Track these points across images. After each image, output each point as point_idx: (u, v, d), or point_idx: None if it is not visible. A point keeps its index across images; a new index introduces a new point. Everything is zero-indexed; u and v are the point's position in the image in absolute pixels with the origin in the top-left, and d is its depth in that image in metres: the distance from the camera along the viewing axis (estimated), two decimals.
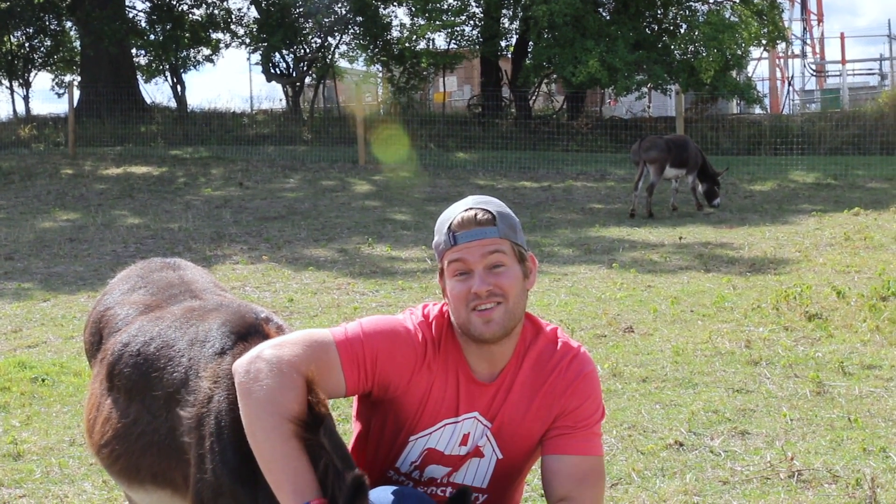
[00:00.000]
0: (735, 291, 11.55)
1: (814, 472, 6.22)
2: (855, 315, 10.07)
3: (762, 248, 14.40)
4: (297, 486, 3.18)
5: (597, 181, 22.74)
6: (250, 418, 3.28)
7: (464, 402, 3.62)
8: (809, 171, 23.26)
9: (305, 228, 16.96)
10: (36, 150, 28.28)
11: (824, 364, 8.54)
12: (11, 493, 6.37)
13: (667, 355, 8.96)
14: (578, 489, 3.55)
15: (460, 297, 3.50)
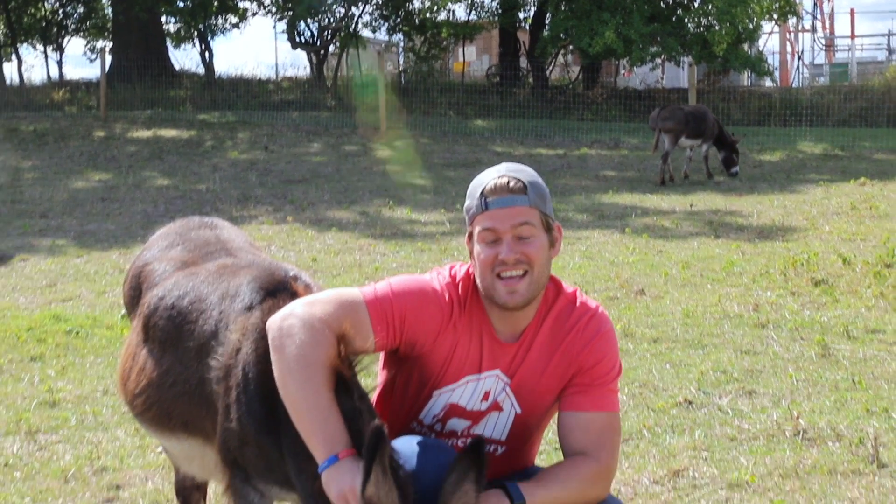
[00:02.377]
0: (744, 257, 11.52)
1: (818, 431, 6.22)
2: (860, 281, 10.05)
3: (770, 216, 14.34)
4: (328, 437, 3.20)
5: (610, 149, 22.66)
6: (283, 372, 3.29)
7: (486, 360, 3.63)
8: (817, 143, 23.14)
9: (328, 191, 16.95)
10: (69, 113, 28.30)
11: (829, 328, 8.53)
12: (48, 438, 6.43)
13: (677, 317, 8.96)
14: (595, 444, 3.56)
15: (487, 263, 3.50)
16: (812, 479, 5.58)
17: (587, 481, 3.51)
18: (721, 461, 5.85)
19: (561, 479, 3.50)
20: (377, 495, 2.96)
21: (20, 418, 6.71)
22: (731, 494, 5.42)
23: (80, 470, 5.88)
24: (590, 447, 3.56)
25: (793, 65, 41.57)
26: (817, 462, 5.79)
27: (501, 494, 3.34)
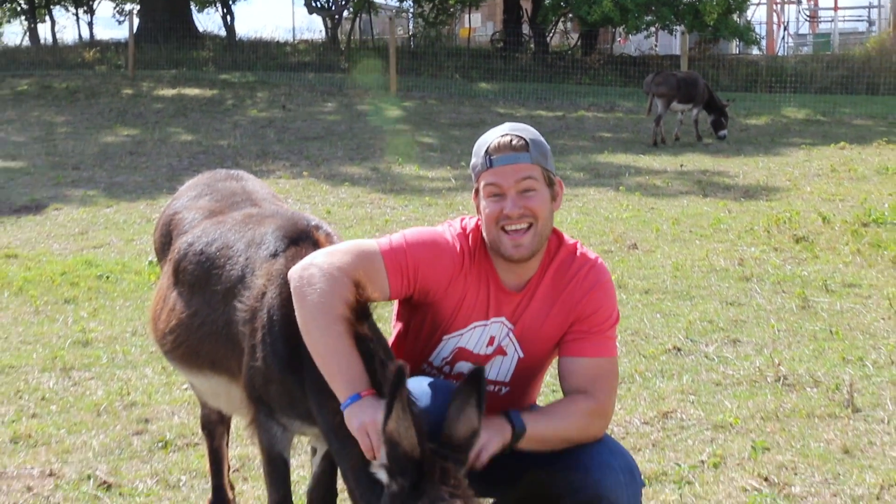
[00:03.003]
0: (730, 215, 11.50)
1: (798, 378, 6.25)
2: (838, 239, 10.05)
3: (755, 177, 14.31)
4: (350, 378, 3.21)
5: (606, 112, 22.56)
6: (305, 318, 3.30)
7: (493, 307, 3.64)
8: (800, 108, 23.03)
9: (342, 148, 16.91)
10: (99, 71, 28.19)
11: (809, 282, 8.54)
12: (82, 375, 6.47)
13: (667, 270, 8.97)
14: (593, 386, 3.57)
15: (492, 217, 3.50)
16: (791, 422, 5.62)
17: (586, 417, 3.53)
18: (707, 404, 5.89)
19: (561, 413, 3.52)
20: (397, 430, 2.98)
21: (55, 356, 6.75)
22: (715, 435, 5.46)
23: (112, 404, 5.93)
24: (589, 389, 3.57)
25: (778, 34, 41.28)
26: (796, 406, 5.82)
27: (504, 421, 3.37)
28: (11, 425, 5.62)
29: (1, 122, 19.52)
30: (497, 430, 3.32)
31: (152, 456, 5.26)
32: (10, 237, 10.69)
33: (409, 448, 2.99)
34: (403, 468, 3.01)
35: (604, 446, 3.59)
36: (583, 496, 3.50)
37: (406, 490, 3.00)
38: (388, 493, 3.06)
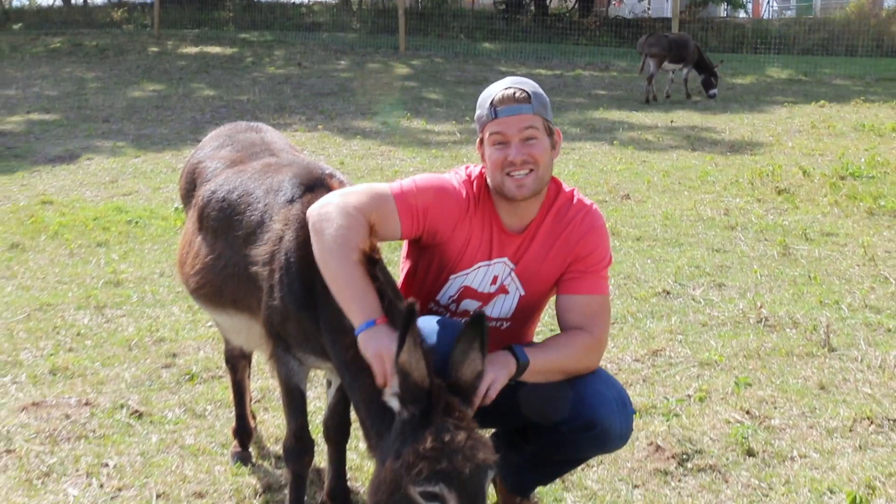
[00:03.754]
0: (716, 168, 11.45)
1: (778, 319, 6.26)
2: (817, 191, 10.01)
3: (741, 133, 14.23)
4: (365, 306, 3.21)
5: (602, 71, 22.39)
6: (323, 252, 3.29)
7: (496, 248, 3.64)
8: (784, 69, 22.84)
9: (354, 104, 16.81)
10: (126, 30, 28.00)
11: (790, 230, 8.52)
12: (114, 312, 6.48)
13: (657, 219, 8.95)
14: (589, 321, 3.59)
15: (497, 163, 3.51)
16: (771, 360, 5.63)
17: (582, 350, 3.55)
18: (693, 343, 5.90)
19: (560, 346, 3.54)
20: (409, 362, 2.99)
21: (89, 295, 6.77)
22: (701, 371, 5.48)
23: (142, 340, 5.95)
24: (585, 324, 3.59)
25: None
26: (776, 345, 5.83)
27: (509, 355, 3.39)
28: (50, 358, 5.64)
29: (36, 77, 19.41)
30: (503, 364, 3.34)
31: (180, 387, 5.29)
32: (46, 185, 10.68)
33: (419, 378, 3.01)
34: (414, 397, 3.02)
35: (598, 378, 3.61)
36: (579, 423, 3.53)
37: (416, 418, 3.02)
38: (400, 419, 3.07)
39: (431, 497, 2.92)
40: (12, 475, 4.29)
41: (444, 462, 2.91)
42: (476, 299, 3.70)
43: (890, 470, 4.34)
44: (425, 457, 2.92)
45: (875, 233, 8.48)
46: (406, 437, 3.02)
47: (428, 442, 2.94)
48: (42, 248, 8.10)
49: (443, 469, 2.91)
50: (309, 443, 3.68)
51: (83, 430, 4.74)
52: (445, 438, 2.94)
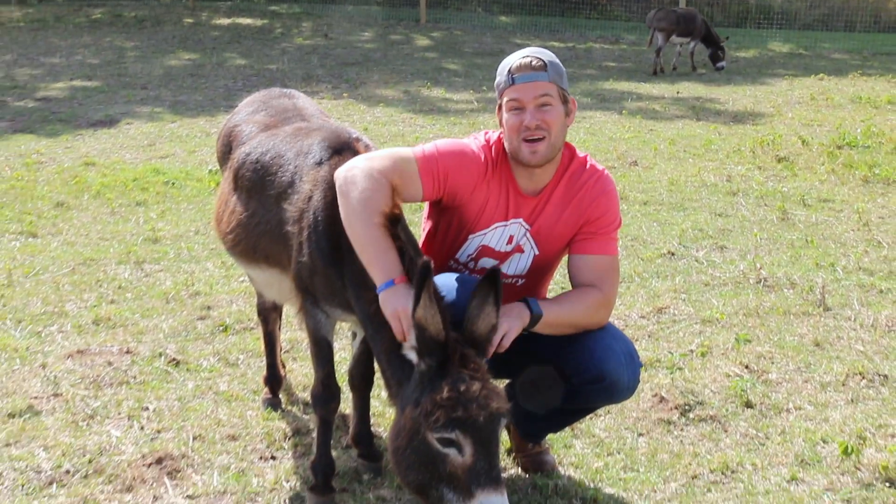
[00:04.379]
0: (720, 137, 11.36)
1: (776, 280, 6.23)
2: (815, 159, 9.92)
3: (743, 104, 14.09)
4: (386, 265, 3.21)
5: (612, 44, 22.15)
6: (348, 213, 3.29)
7: (512, 210, 3.64)
8: (785, 43, 22.57)
9: (377, 73, 16.71)
10: (163, 2, 27.88)
11: (789, 197, 8.46)
12: (152, 267, 6.51)
13: (663, 184, 8.91)
14: (599, 279, 3.59)
15: (513, 128, 3.49)
16: (770, 318, 5.62)
17: (593, 306, 3.55)
18: (696, 302, 5.89)
19: (572, 301, 3.55)
20: (424, 317, 3.01)
21: (129, 251, 6.80)
22: (703, 328, 5.47)
23: (178, 293, 5.98)
24: (596, 282, 3.59)
25: None
26: (774, 304, 5.81)
27: (523, 306, 3.40)
28: (93, 310, 5.68)
29: (78, 46, 19.36)
30: (517, 315, 3.35)
31: (214, 338, 5.32)
32: (88, 147, 10.68)
33: (435, 332, 3.03)
34: (431, 350, 3.05)
35: (607, 332, 3.61)
36: (588, 375, 3.54)
37: (433, 369, 3.04)
38: (417, 371, 3.10)
39: (448, 443, 2.95)
40: (60, 417, 4.34)
41: (459, 410, 2.94)
42: (493, 258, 3.70)
43: (880, 422, 4.34)
44: (442, 405, 2.95)
45: (869, 199, 8.41)
46: (424, 386, 3.05)
47: (445, 391, 2.97)
48: (85, 206, 8.12)
49: (459, 416, 2.94)
50: (335, 390, 3.70)
51: (125, 377, 4.78)
52: (461, 388, 2.97)
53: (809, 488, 3.81)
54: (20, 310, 5.68)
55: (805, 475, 3.90)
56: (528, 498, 3.71)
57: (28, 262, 6.60)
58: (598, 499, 3.67)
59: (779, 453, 4.08)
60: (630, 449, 4.12)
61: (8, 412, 4.35)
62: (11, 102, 13.61)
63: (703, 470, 3.94)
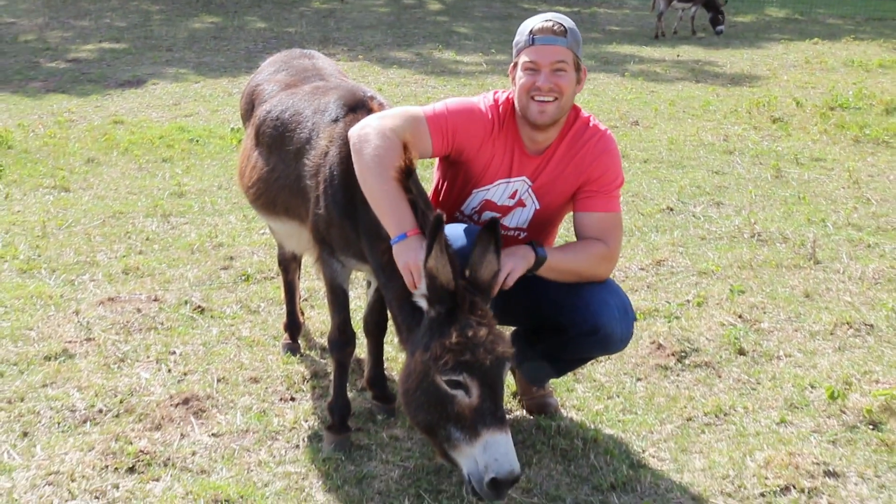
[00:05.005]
0: (718, 98, 11.26)
1: (769, 234, 6.20)
2: (809, 120, 9.83)
3: (740, 66, 13.94)
4: (399, 218, 3.20)
5: (615, 9, 21.91)
6: (362, 170, 3.27)
7: (516, 168, 3.60)
8: (781, 8, 22.29)
9: (391, 36, 16.57)
10: None
11: (783, 155, 8.40)
12: (178, 220, 6.51)
13: (663, 143, 8.84)
14: (604, 234, 3.56)
15: (525, 87, 3.45)
16: (762, 271, 5.60)
17: (597, 258, 3.53)
18: (693, 255, 5.86)
19: (577, 250, 3.53)
20: (436, 267, 3.01)
21: (156, 205, 6.80)
22: (700, 280, 5.45)
23: (203, 244, 5.98)
24: (600, 237, 3.56)
25: None
26: (767, 258, 5.79)
27: (529, 249, 3.39)
28: (122, 260, 5.69)
29: (106, 10, 19.22)
30: (522, 256, 3.35)
31: (237, 287, 5.33)
32: (117, 107, 10.66)
33: (445, 281, 3.02)
34: (440, 297, 3.05)
35: (604, 287, 3.59)
36: (584, 327, 3.53)
37: (442, 316, 3.04)
38: (427, 318, 3.11)
39: (456, 385, 2.97)
40: (92, 360, 4.36)
41: (467, 354, 2.96)
42: (496, 211, 3.67)
43: (865, 368, 4.33)
44: (451, 349, 2.96)
45: (860, 159, 8.34)
46: (433, 332, 3.05)
47: (453, 336, 2.98)
48: (114, 162, 8.11)
49: (466, 360, 2.95)
50: (351, 336, 3.71)
51: (153, 323, 4.80)
52: (469, 333, 2.98)
53: (797, 430, 3.81)
54: (54, 260, 5.70)
55: (793, 418, 3.91)
56: (532, 438, 3.73)
57: (61, 214, 6.61)
58: (598, 439, 3.68)
59: (769, 397, 4.08)
60: (629, 393, 4.13)
61: (44, 355, 4.38)
62: (44, 64, 13.56)
63: (697, 412, 3.94)
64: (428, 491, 3.34)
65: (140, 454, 3.52)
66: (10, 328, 4.68)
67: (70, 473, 3.41)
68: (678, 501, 3.30)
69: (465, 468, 2.94)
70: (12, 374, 4.20)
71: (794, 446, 3.65)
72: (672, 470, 3.51)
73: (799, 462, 3.50)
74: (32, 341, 4.55)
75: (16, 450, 3.59)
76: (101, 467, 3.45)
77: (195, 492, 3.29)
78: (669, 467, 3.53)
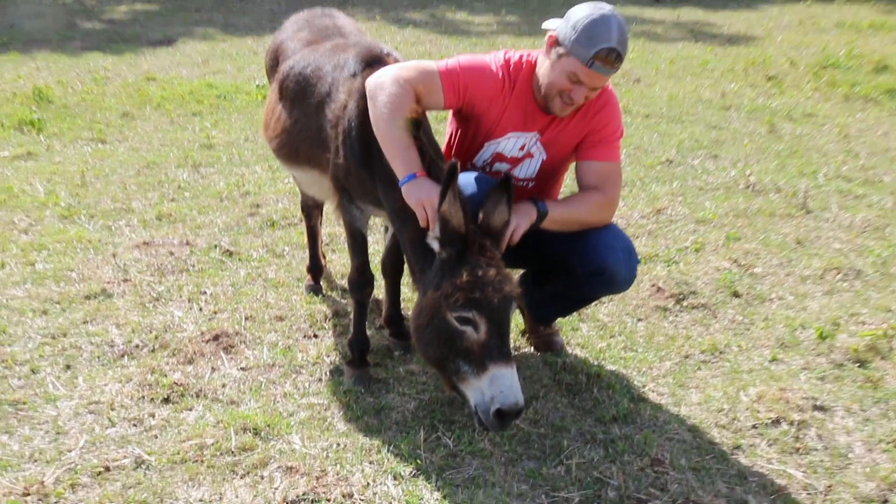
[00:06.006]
0: (716, 57, 11.07)
1: (764, 185, 6.13)
2: (802, 78, 9.68)
3: (737, 27, 13.70)
4: (407, 161, 3.14)
5: None
6: (375, 114, 3.21)
7: (527, 123, 3.54)
8: None
9: None
10: None
11: (776, 112, 8.28)
12: (208, 170, 6.48)
13: (663, 100, 8.73)
14: (603, 183, 3.50)
15: (559, 88, 3.33)
16: (757, 219, 5.53)
17: (595, 206, 3.47)
18: (692, 204, 5.80)
19: (576, 202, 3.47)
20: (449, 211, 2.97)
21: (187, 156, 6.76)
22: (698, 227, 5.40)
23: (231, 193, 5.95)
24: (600, 185, 3.50)
25: None
26: (762, 207, 5.72)
27: (531, 205, 3.33)
28: (156, 207, 5.67)
29: None
30: (525, 212, 3.29)
31: (262, 232, 5.31)
32: (149, 64, 10.56)
33: (457, 225, 2.99)
34: (452, 240, 3.01)
35: (608, 231, 3.54)
36: (590, 268, 3.49)
37: (453, 257, 3.01)
38: (439, 259, 3.07)
39: (465, 321, 2.94)
40: (129, 299, 4.36)
41: (476, 292, 2.92)
42: (506, 162, 3.62)
43: (852, 311, 4.29)
44: (461, 288, 2.94)
45: (850, 115, 8.22)
46: (445, 272, 3.02)
47: (464, 276, 2.95)
48: (147, 116, 8.06)
49: (475, 298, 2.92)
50: (369, 277, 3.68)
51: (185, 265, 4.79)
52: (479, 273, 2.95)
53: (788, 367, 3.78)
54: (92, 206, 5.68)
55: (784, 356, 3.88)
56: (539, 373, 3.72)
57: (98, 165, 6.59)
58: (601, 374, 3.67)
59: (762, 337, 4.05)
60: (630, 332, 4.10)
61: (84, 295, 4.38)
62: (81, 24, 13.44)
63: (694, 350, 3.92)
64: (441, 421, 3.34)
65: (174, 386, 3.53)
66: (52, 270, 4.68)
67: (110, 403, 3.42)
68: (676, 432, 3.28)
69: (473, 400, 2.93)
70: (55, 312, 4.21)
71: (784, 382, 3.63)
72: (670, 403, 3.50)
73: (789, 397, 3.48)
74: (73, 282, 4.54)
75: (59, 381, 3.61)
76: (139, 397, 3.46)
77: (225, 420, 3.29)
78: (668, 401, 3.52)
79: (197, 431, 3.22)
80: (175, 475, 2.99)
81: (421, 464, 3.06)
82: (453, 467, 3.07)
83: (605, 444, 3.20)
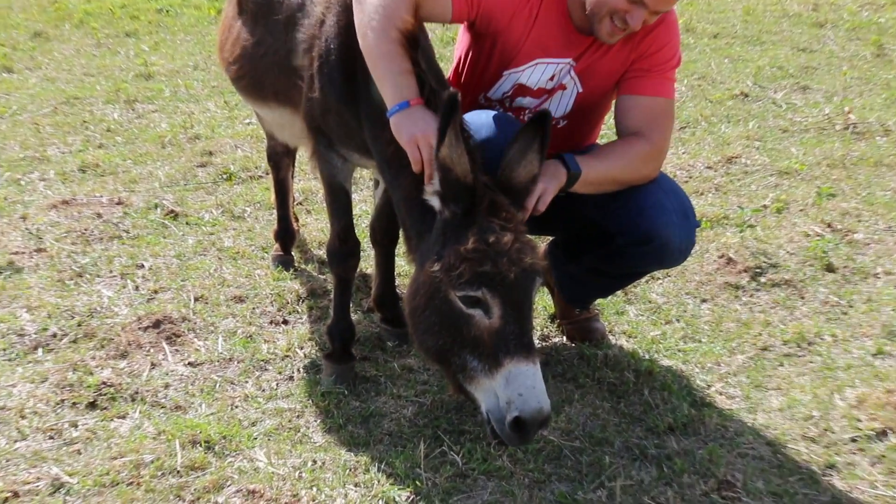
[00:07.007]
0: None
1: (867, 126, 6.09)
2: None
3: None
4: (401, 85, 3.08)
5: None
6: (362, 23, 3.16)
7: (560, 48, 3.50)
8: None
9: None
10: None
11: (886, 29, 8.22)
12: (145, 108, 6.47)
13: (738, 14, 8.67)
14: (649, 126, 3.46)
15: (610, 4, 3.30)
16: (858, 170, 5.51)
17: (639, 159, 3.43)
18: (772, 150, 5.78)
19: (616, 154, 3.42)
20: (450, 157, 2.88)
21: (118, 88, 6.75)
22: (780, 181, 5.37)
23: (176, 137, 5.95)
24: (644, 129, 3.46)
25: None
26: (864, 154, 5.69)
27: (559, 164, 3.26)
28: (79, 155, 5.67)
29: None
30: (552, 175, 3.21)
31: (217, 187, 5.31)
32: None
33: (461, 174, 2.89)
34: (456, 194, 2.91)
35: (658, 186, 3.49)
36: (636, 235, 3.45)
37: (458, 217, 2.92)
38: (441, 219, 2.97)
39: (473, 302, 2.84)
40: (44, 275, 4.37)
41: (487, 264, 2.81)
42: (532, 96, 3.58)
43: None
44: (467, 258, 2.82)
45: None
46: (447, 237, 2.92)
47: (470, 242, 2.83)
48: (67, 37, 8.04)
49: (486, 272, 2.81)
50: (354, 245, 3.66)
51: (116, 231, 4.79)
52: (490, 239, 2.84)
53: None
54: None
55: (893, 349, 3.87)
56: (573, 369, 3.72)
57: (3, 100, 6.58)
58: (654, 371, 3.67)
59: (863, 323, 4.04)
60: (691, 317, 4.10)
61: None
62: None
63: (775, 341, 3.92)
64: (448, 432, 3.34)
65: (102, 387, 3.54)
66: None
67: (19, 409, 3.44)
68: (750, 447, 3.29)
69: (484, 405, 2.86)
70: None
71: (893, 382, 3.62)
72: (743, 410, 3.50)
73: None
74: None
75: None
76: (56, 402, 3.47)
77: (169, 431, 3.30)
78: (740, 406, 3.52)
79: (132, 446, 3.24)
80: (104, 502, 3.00)
81: (421, 486, 3.07)
82: (463, 491, 3.08)
83: (659, 461, 3.20)
